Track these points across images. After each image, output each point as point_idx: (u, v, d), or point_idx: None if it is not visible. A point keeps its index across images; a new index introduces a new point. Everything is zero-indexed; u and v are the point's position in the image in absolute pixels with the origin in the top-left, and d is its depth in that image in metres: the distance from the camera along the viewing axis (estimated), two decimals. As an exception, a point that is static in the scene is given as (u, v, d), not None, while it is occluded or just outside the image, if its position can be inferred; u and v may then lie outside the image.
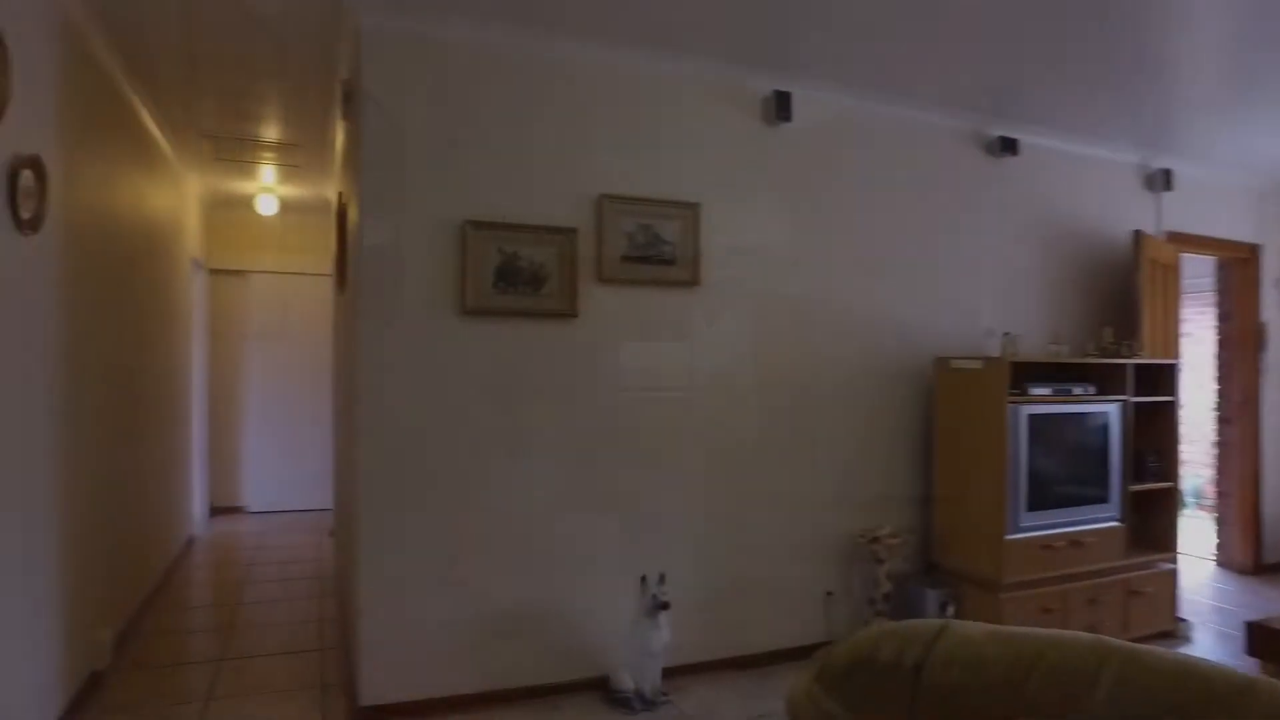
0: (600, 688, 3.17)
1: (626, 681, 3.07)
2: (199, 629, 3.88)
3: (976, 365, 3.62)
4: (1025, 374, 3.58)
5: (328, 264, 5.67)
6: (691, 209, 3.44)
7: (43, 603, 2.69)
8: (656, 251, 3.41)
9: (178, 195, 5.19)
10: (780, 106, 3.57)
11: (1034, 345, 4.10)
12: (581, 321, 3.26)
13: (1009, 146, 4.11)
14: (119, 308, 3.68)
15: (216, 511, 6.68)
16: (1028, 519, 3.51)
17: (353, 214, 3.30)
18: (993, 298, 4.15)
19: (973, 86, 3.74)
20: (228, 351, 6.88)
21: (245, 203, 6.39)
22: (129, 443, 3.87)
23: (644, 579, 3.05)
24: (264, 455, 6.90)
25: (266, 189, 5.97)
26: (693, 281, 3.44)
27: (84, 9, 2.97)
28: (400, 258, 3.03)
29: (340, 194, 4.16)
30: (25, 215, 2.55)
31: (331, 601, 4.25)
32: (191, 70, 3.65)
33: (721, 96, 3.51)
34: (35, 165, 2.60)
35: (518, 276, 3.19)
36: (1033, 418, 3.51)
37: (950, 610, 3.54)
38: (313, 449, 6.63)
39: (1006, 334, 3.86)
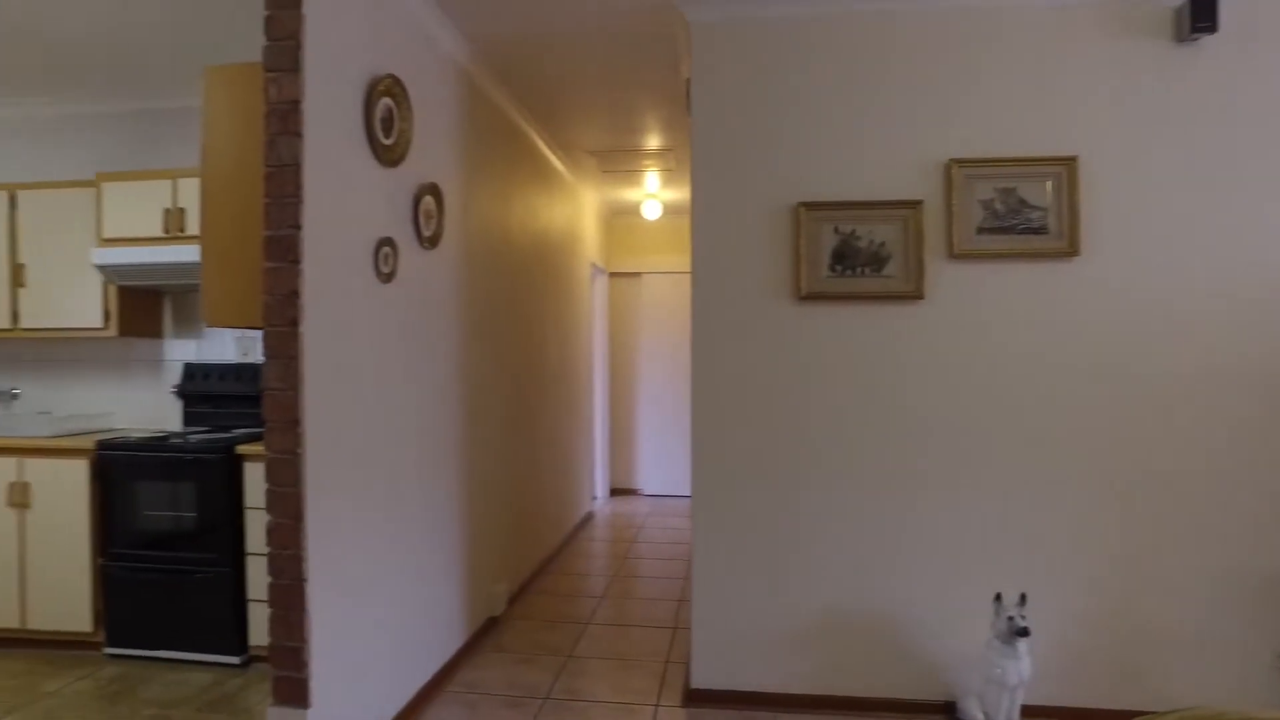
0: (942, 712, 2.82)
1: (974, 712, 2.69)
2: (578, 593, 4.35)
3: None
4: None
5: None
6: (1066, 165, 2.87)
7: (452, 559, 3.27)
8: (1021, 220, 2.91)
9: (574, 207, 5.89)
10: (1200, 12, 2.78)
11: None
12: (929, 303, 2.93)
13: None
14: (515, 309, 4.29)
15: (616, 492, 7.49)
16: None
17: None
18: None
19: None
20: (626, 347, 7.64)
21: (634, 209, 7.04)
22: (527, 428, 4.50)
23: (998, 597, 2.63)
24: (656, 442, 7.52)
25: (650, 195, 6.48)
26: (1069, 252, 2.87)
27: (472, 57, 3.51)
28: (732, 246, 3.03)
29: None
30: (426, 233, 3.09)
31: (695, 582, 4.47)
32: (566, 94, 4.10)
33: (1109, 15, 2.87)
34: (434, 191, 3.13)
35: (856, 258, 2.98)
36: None
37: None
38: (696, 437, 7.06)
39: None
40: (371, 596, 2.62)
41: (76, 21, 3.17)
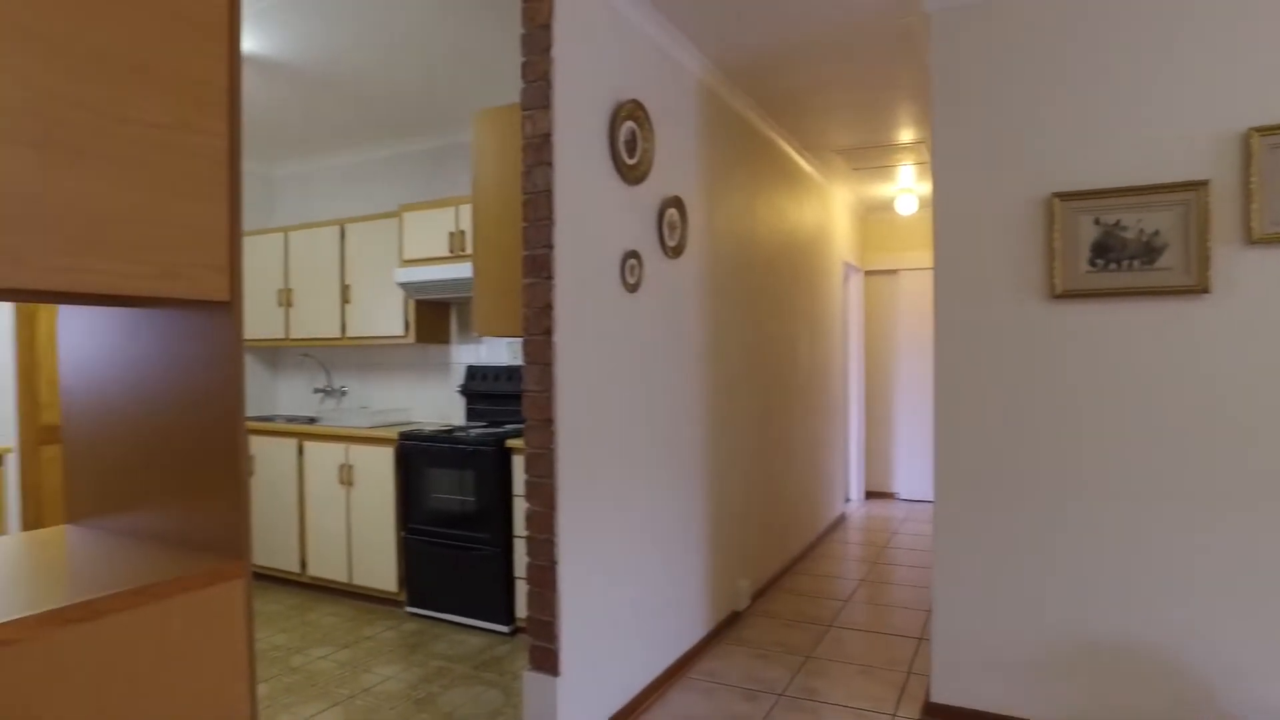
0: (1239, 770, 2.45)
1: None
2: (823, 595, 4.33)
3: None
4: None
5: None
6: None
7: (696, 552, 3.44)
8: (1348, 195, 2.45)
9: (823, 207, 5.84)
10: None
11: None
12: (1217, 297, 2.56)
13: None
14: (762, 311, 4.37)
15: (871, 495, 7.28)
16: None
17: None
18: None
19: None
20: (883, 346, 7.39)
21: (888, 205, 6.80)
22: (775, 428, 4.56)
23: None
24: (914, 445, 7.20)
25: (903, 190, 6.23)
26: None
27: (712, 72, 3.64)
28: (977, 243, 2.87)
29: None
30: (671, 243, 3.28)
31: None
32: (811, 98, 4.10)
33: None
34: (678, 204, 3.31)
35: (1122, 250, 2.69)
36: None
37: None
38: (955, 442, 6.66)
39: None
40: (618, 581, 2.84)
41: (381, 82, 3.78)
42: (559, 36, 2.50)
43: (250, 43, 3.34)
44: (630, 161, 2.94)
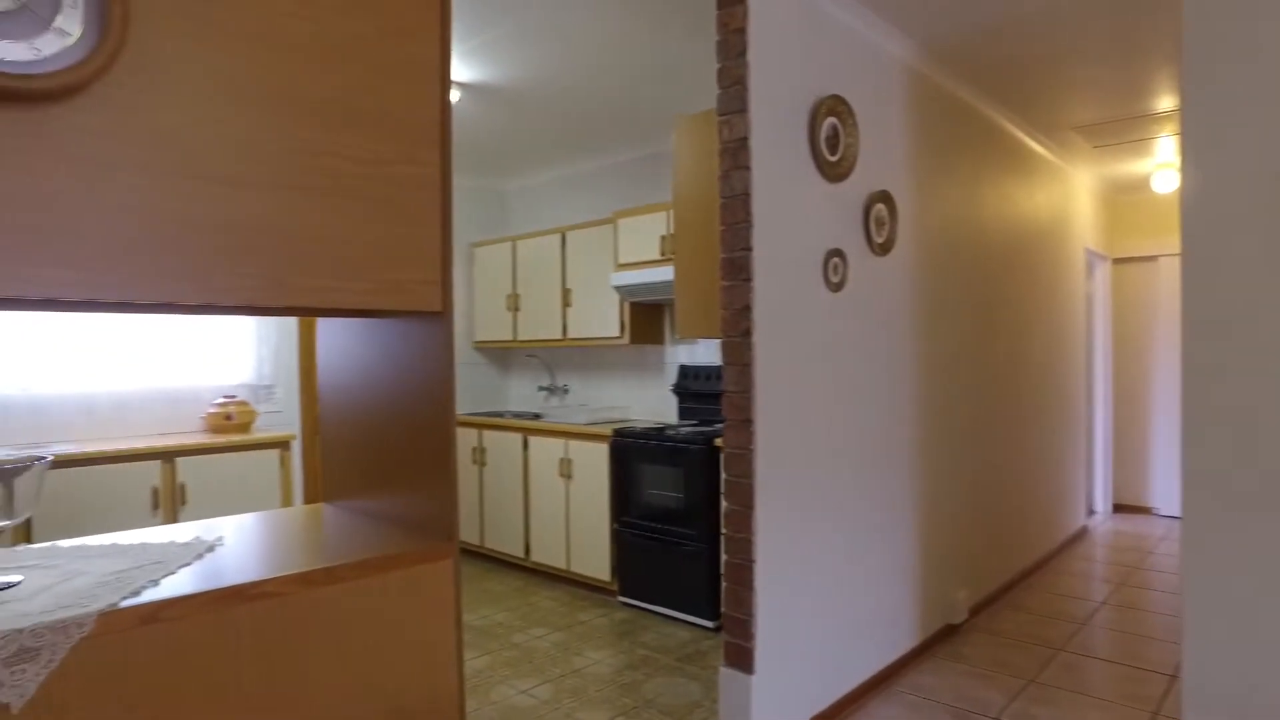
0: None
1: None
2: (1055, 615, 3.96)
3: None
4: None
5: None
6: None
7: (904, 559, 3.31)
8: None
9: (1060, 191, 5.32)
10: None
11: None
12: None
13: None
14: (982, 308, 4.08)
15: (1122, 509, 6.52)
16: None
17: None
18: None
19: None
20: (1136, 342, 6.59)
21: (1142, 184, 6.05)
22: (998, 432, 4.24)
23: None
24: (1175, 454, 6.34)
25: (1163, 165, 5.52)
26: None
27: (923, 56, 3.46)
28: (1238, 223, 2.49)
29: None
30: (878, 240, 3.17)
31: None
32: (1043, 73, 3.77)
33: None
34: (885, 198, 3.20)
35: None
36: None
37: None
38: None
39: None
40: (818, 583, 2.81)
41: (591, 97, 4.00)
42: (754, 40, 2.52)
43: (472, 74, 3.68)
44: (832, 158, 2.89)
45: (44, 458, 1.23)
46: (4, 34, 1.02)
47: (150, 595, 1.13)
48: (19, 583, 1.17)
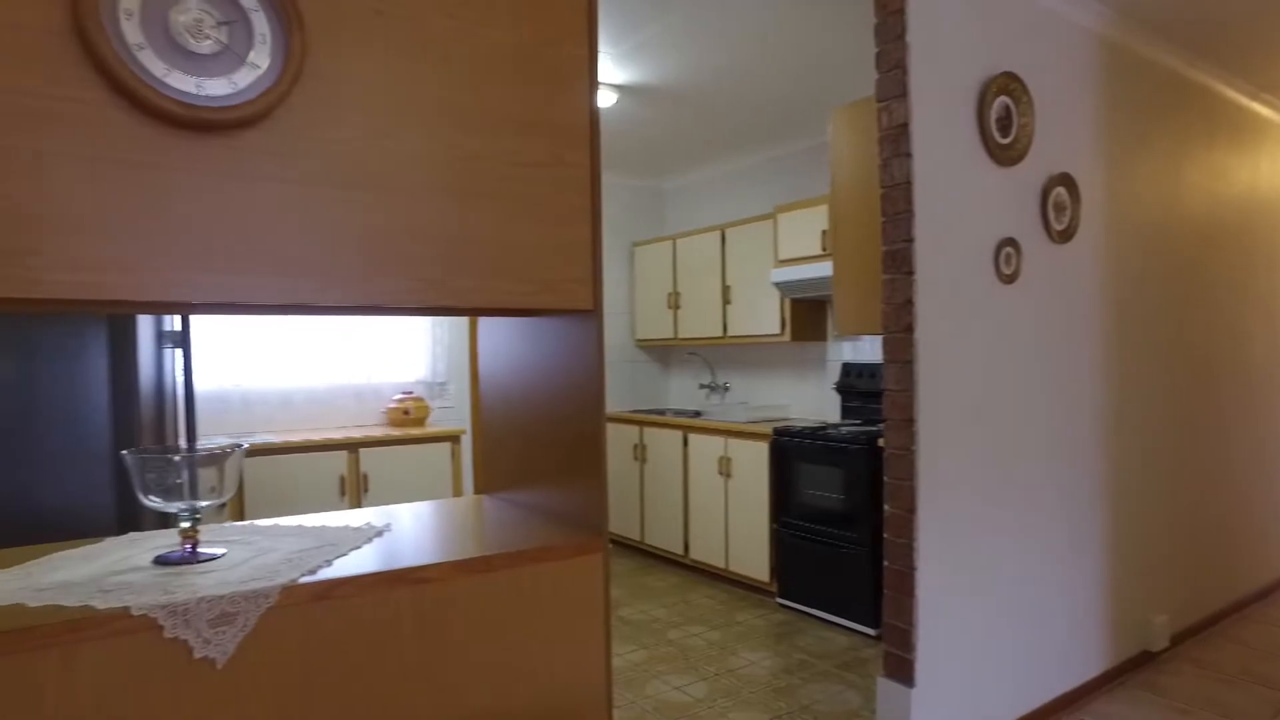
0: None
1: None
2: (1277, 651, 3.48)
3: None
4: None
5: None
6: None
7: (1090, 575, 3.03)
8: None
9: (1288, 165, 4.66)
10: None
11: None
12: None
13: None
14: (1190, 299, 3.65)
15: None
16: None
17: None
18: None
19: None
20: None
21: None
22: (1209, 439, 3.78)
23: None
24: None
25: None
26: None
27: (1112, 20, 3.14)
28: None
29: None
30: (1058, 227, 2.93)
31: None
32: (1272, 22, 3.32)
33: None
34: (1066, 182, 2.94)
35: None
36: None
37: None
38: None
39: None
40: (987, 595, 2.63)
41: (749, 91, 3.95)
42: (913, 20, 2.39)
43: (628, 76, 3.74)
44: (1003, 141, 2.69)
45: (242, 445, 1.37)
46: (209, 72, 1.15)
47: (325, 574, 1.23)
48: (223, 555, 1.32)
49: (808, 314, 4.69)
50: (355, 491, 3.51)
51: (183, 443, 2.46)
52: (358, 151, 1.26)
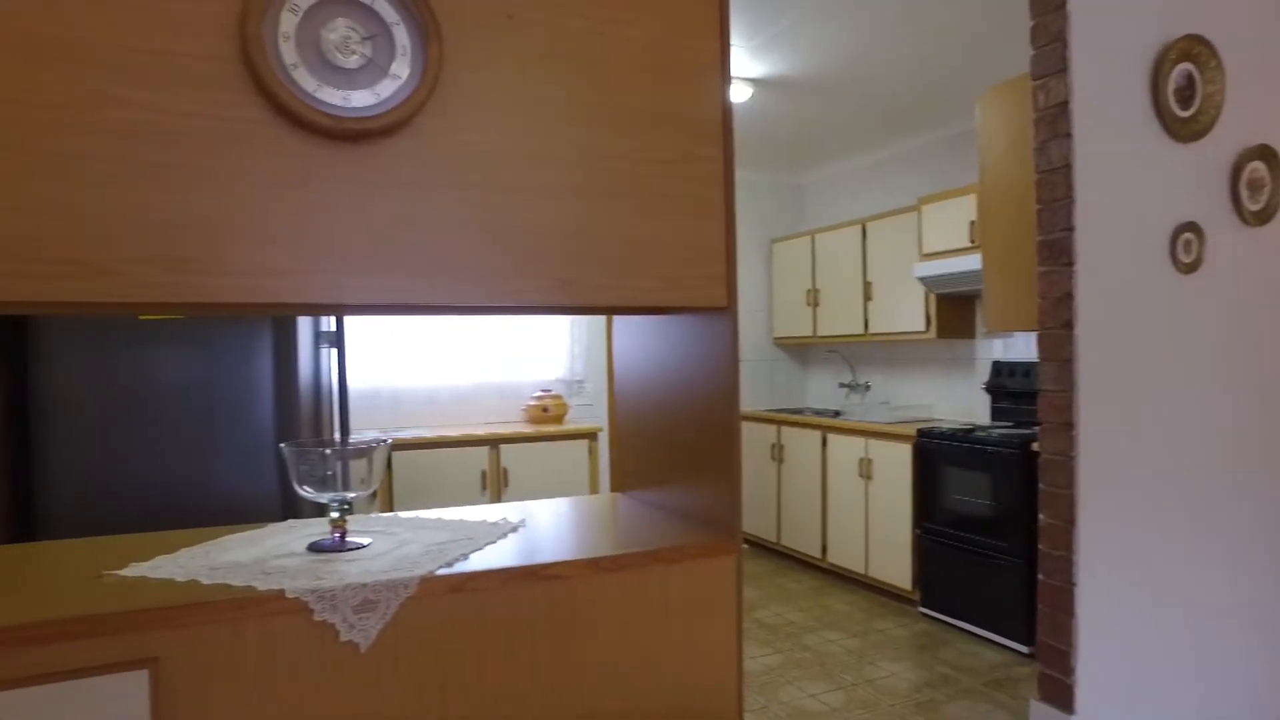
0: None
1: None
2: None
3: None
4: None
5: None
6: None
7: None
8: None
9: None
10: None
11: None
12: None
13: None
14: None
15: None
16: None
17: None
18: None
19: None
20: None
21: None
22: None
23: None
24: None
25: None
26: None
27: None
28: None
29: None
30: (1253, 208, 2.63)
31: None
32: None
33: None
34: (1265, 155, 2.63)
35: None
36: None
37: None
38: None
39: None
40: (1160, 622, 2.38)
41: (890, 77, 3.78)
42: (1076, -12, 2.20)
43: (764, 69, 3.66)
44: (1183, 114, 2.43)
45: (387, 440, 1.44)
46: (354, 85, 1.21)
47: (460, 567, 1.27)
48: (368, 544, 1.39)
49: (954, 310, 4.45)
50: (496, 486, 3.64)
51: (337, 437, 2.63)
52: (493, 154, 1.29)
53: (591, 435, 3.94)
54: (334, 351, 2.55)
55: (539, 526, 1.60)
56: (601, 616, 1.37)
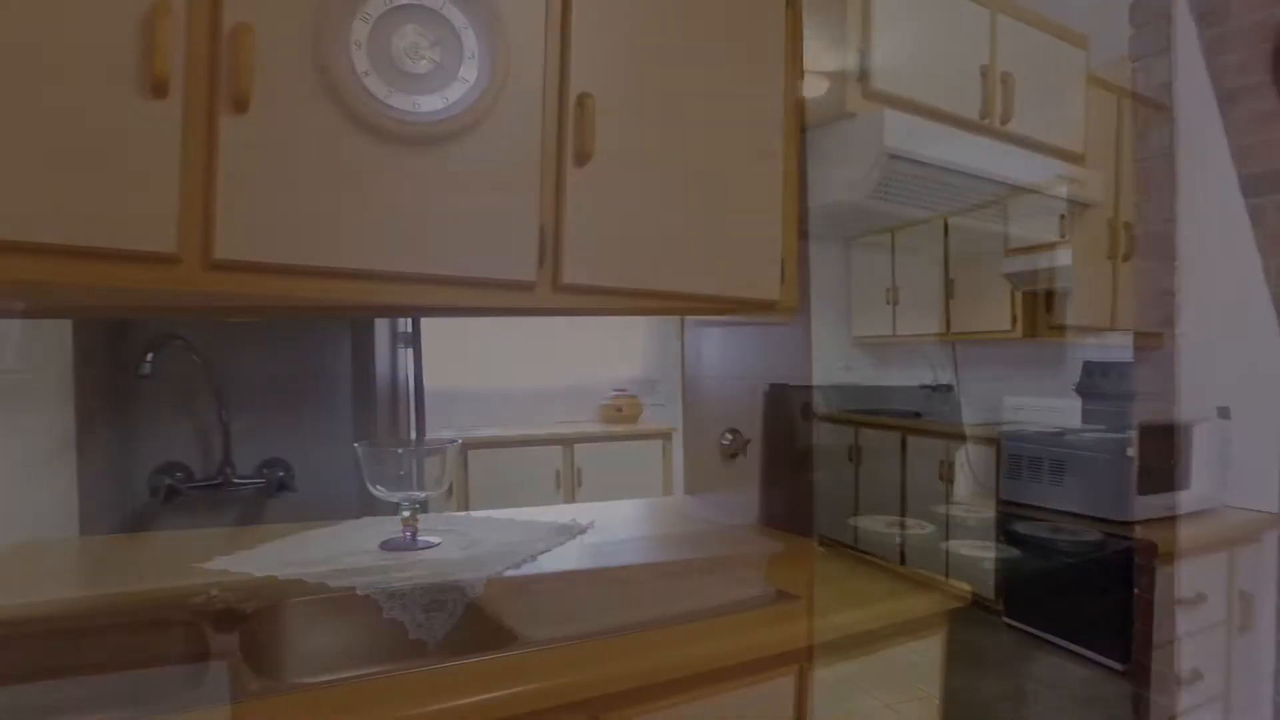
0: None
1: None
2: None
3: None
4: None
5: None
6: None
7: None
8: None
9: None
10: None
11: None
12: None
13: None
14: None
15: None
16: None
17: None
18: None
19: None
20: None
21: None
22: None
23: None
24: None
25: None
26: None
27: None
28: None
29: None
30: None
31: None
32: None
33: None
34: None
35: None
36: None
37: None
38: None
39: None
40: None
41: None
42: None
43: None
44: (1299, 98, 2.25)
45: (456, 440, 1.46)
46: (423, 89, 1.22)
47: (527, 569, 1.27)
48: (438, 544, 1.41)
49: (1041, 307, 4.25)
50: (570, 486, 3.66)
51: (413, 436, 2.69)
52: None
53: (665, 435, 3.92)
54: (410, 352, 2.61)
55: (606, 529, 1.60)
56: (666, 621, 1.35)
